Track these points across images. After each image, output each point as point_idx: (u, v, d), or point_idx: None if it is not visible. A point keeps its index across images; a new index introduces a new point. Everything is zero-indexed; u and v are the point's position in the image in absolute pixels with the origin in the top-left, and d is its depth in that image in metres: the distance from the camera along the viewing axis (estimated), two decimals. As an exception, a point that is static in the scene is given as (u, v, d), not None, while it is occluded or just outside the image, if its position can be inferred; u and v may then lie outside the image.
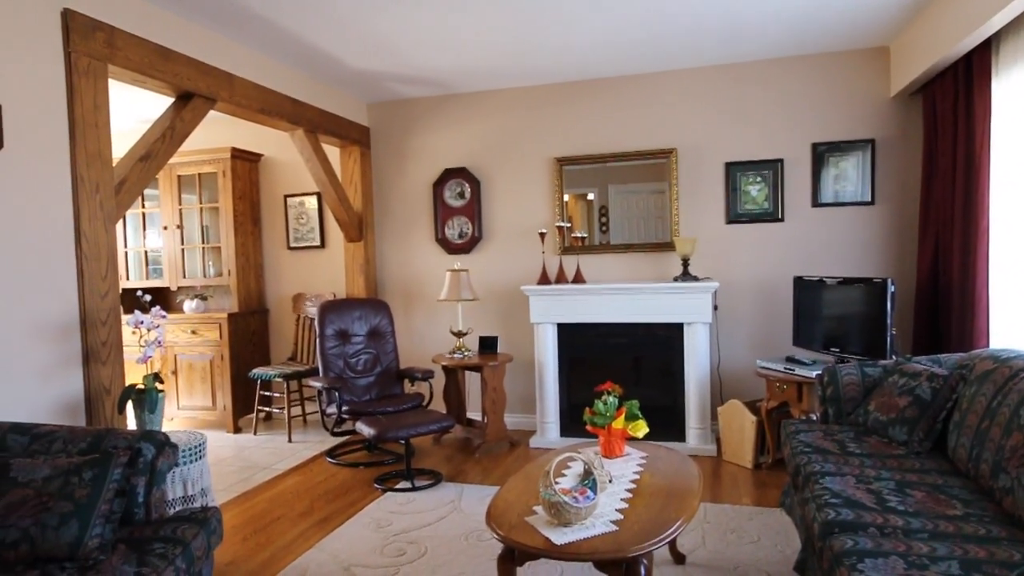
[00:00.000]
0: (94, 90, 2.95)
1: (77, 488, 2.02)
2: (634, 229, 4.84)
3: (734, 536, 3.02)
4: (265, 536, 3.24)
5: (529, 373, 4.94)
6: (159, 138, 3.36)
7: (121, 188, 3.13)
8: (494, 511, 2.24)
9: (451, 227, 5.20)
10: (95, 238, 2.95)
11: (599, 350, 4.64)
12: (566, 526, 2.08)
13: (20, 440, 2.24)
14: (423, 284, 5.31)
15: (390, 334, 4.70)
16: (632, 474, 2.57)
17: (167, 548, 2.00)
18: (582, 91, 4.88)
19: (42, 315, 2.73)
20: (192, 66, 3.50)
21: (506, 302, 5.09)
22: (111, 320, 3.02)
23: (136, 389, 2.80)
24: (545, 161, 4.98)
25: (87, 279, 2.91)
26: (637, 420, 2.77)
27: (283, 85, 4.28)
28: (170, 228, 5.60)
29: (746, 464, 4.00)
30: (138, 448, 2.24)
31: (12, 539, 1.90)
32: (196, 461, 2.85)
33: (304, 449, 4.76)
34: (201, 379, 5.36)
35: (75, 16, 2.86)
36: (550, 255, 4.88)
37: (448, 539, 3.08)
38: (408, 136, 5.30)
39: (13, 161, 2.59)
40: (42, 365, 2.73)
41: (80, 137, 2.88)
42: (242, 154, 5.47)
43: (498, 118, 5.07)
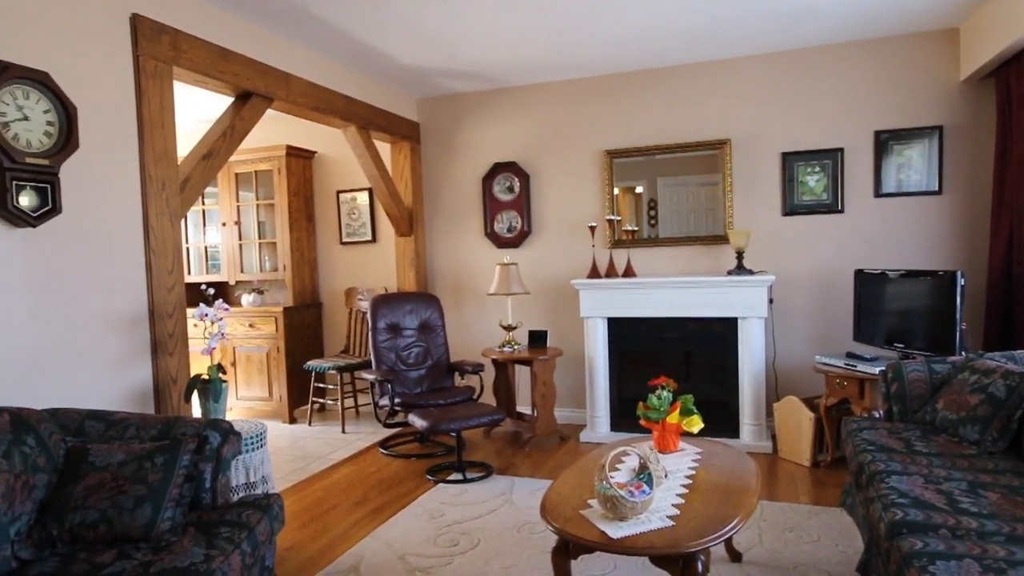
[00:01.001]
0: (160, 91, 3.07)
1: (150, 473, 2.11)
2: (684, 222, 4.76)
3: (792, 535, 2.95)
4: (322, 523, 3.32)
5: (579, 367, 4.92)
6: (220, 137, 3.47)
7: (185, 185, 3.24)
8: (548, 504, 2.25)
9: (500, 221, 5.21)
10: (162, 234, 3.07)
11: (649, 344, 4.59)
12: (621, 520, 2.07)
13: (97, 426, 2.35)
14: (472, 278, 5.34)
15: (440, 328, 4.75)
16: (687, 469, 2.54)
17: (233, 532, 2.07)
18: (633, 82, 4.82)
19: (115, 308, 2.86)
20: (251, 66, 3.60)
21: (555, 296, 5.08)
22: (177, 313, 3.13)
23: (201, 379, 2.91)
24: (595, 154, 4.94)
25: (155, 273, 3.03)
26: (692, 415, 2.73)
27: (336, 83, 4.36)
28: (228, 224, 5.78)
29: (803, 462, 3.89)
30: (205, 436, 2.33)
31: (92, 520, 2.00)
32: (257, 449, 2.94)
33: (357, 440, 4.86)
34: (258, 371, 5.52)
35: (143, 21, 2.97)
36: (600, 249, 4.84)
37: (500, 531, 3.10)
38: (457, 131, 5.33)
39: (88, 161, 2.71)
40: (115, 355, 2.86)
41: (148, 137, 2.99)
42: (296, 151, 5.60)
43: (547, 111, 5.06)
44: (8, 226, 2.43)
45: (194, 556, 1.90)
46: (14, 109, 2.39)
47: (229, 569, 1.94)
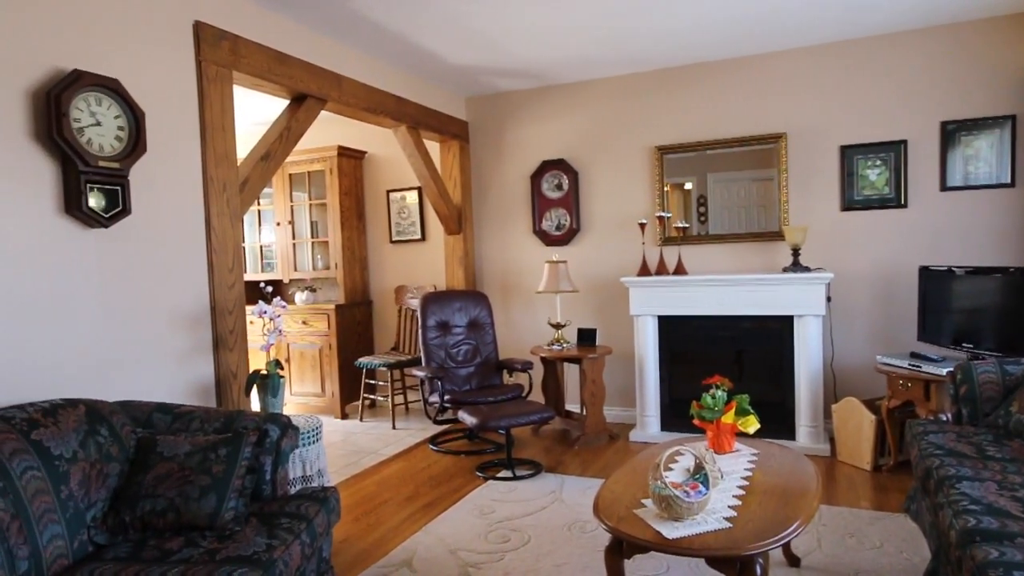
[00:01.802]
0: (221, 95, 3.17)
1: (214, 464, 2.19)
2: (735, 218, 4.66)
3: (853, 540, 2.85)
4: (375, 517, 3.38)
5: (628, 366, 4.87)
6: (277, 138, 3.56)
7: (244, 186, 3.34)
8: (601, 503, 2.23)
9: (549, 219, 5.20)
10: (223, 233, 3.17)
11: (701, 343, 4.51)
12: (676, 520, 2.04)
13: (163, 418, 2.45)
14: (521, 276, 5.35)
15: (489, 325, 4.77)
16: (743, 471, 2.49)
17: (293, 523, 2.12)
18: (684, 77, 4.74)
19: (179, 305, 2.97)
20: (305, 69, 3.68)
21: (605, 294, 5.04)
22: (237, 310, 3.24)
23: (260, 375, 2.99)
24: (645, 150, 4.88)
25: (216, 271, 3.13)
26: (748, 415, 2.68)
27: (387, 83, 4.42)
28: (282, 224, 5.93)
29: (864, 465, 3.77)
30: (265, 429, 2.40)
31: (161, 508, 2.08)
32: (313, 443, 3.01)
33: (407, 436, 4.92)
34: (311, 367, 5.65)
35: (205, 28, 3.07)
36: (650, 246, 4.78)
37: (551, 528, 3.10)
38: (505, 129, 5.35)
39: (154, 164, 2.82)
40: (179, 350, 2.97)
41: (209, 140, 3.10)
42: (348, 152, 5.71)
43: (596, 108, 5.02)
44: (82, 227, 2.55)
45: (257, 545, 1.96)
46: (88, 115, 2.50)
47: (290, 559, 1.99)
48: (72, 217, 2.51)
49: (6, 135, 2.30)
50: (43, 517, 1.88)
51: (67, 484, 2.00)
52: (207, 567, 1.82)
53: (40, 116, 2.40)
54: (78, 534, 1.99)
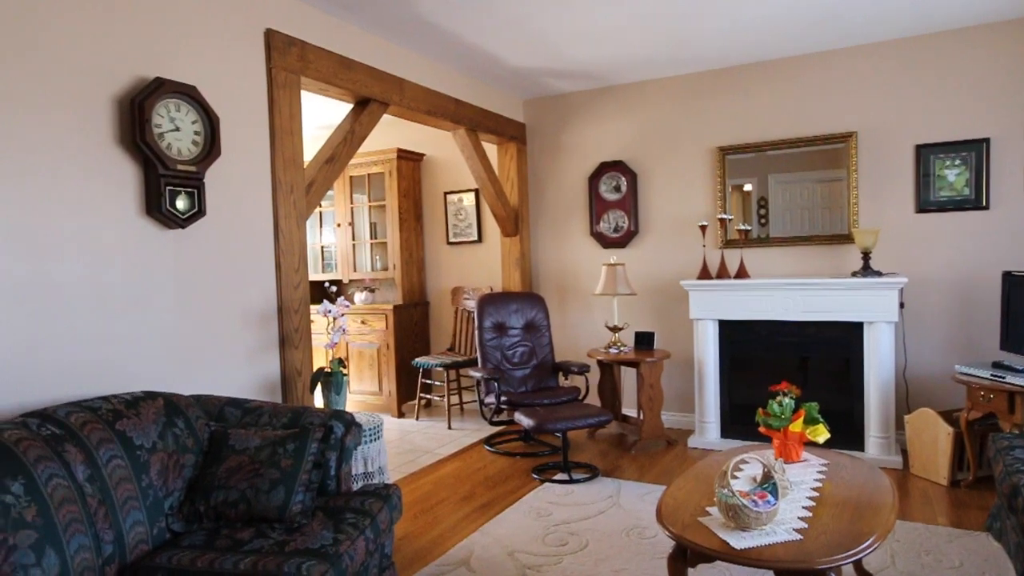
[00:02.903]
0: (289, 100, 3.26)
1: (282, 458, 2.25)
2: (797, 221, 4.52)
3: (930, 559, 2.72)
4: (432, 516, 3.41)
5: (687, 371, 4.78)
6: (341, 141, 3.64)
7: (310, 188, 3.43)
8: (664, 509, 2.19)
9: (606, 221, 5.16)
10: (289, 234, 3.26)
11: (763, 349, 4.38)
12: (744, 530, 1.98)
13: (235, 412, 2.53)
14: (577, 278, 5.32)
15: (545, 327, 4.76)
16: (812, 481, 2.40)
17: (358, 519, 2.16)
18: (746, 76, 4.63)
19: (248, 303, 3.07)
20: (369, 73, 3.75)
21: (663, 297, 4.96)
22: (302, 309, 3.32)
23: (325, 372, 3.06)
24: (706, 151, 4.78)
25: (283, 272, 3.23)
26: (817, 424, 2.58)
27: (447, 87, 4.47)
28: (343, 225, 6.07)
29: (940, 480, 3.58)
30: (330, 426, 2.45)
31: (233, 499, 2.15)
32: (375, 441, 3.06)
33: (463, 436, 4.96)
34: (369, 366, 5.76)
35: (275, 35, 3.17)
36: (711, 249, 4.68)
37: (609, 533, 3.07)
38: (563, 131, 5.33)
39: (227, 167, 2.93)
40: (248, 347, 3.07)
41: (279, 144, 3.19)
42: (406, 154, 5.80)
43: (656, 108, 4.95)
44: (161, 227, 2.67)
45: (324, 539, 2.00)
46: (167, 121, 2.62)
47: (355, 554, 2.02)
48: (152, 218, 2.63)
49: (95, 140, 2.43)
50: (126, 504, 1.97)
51: (147, 473, 2.09)
52: (277, 558, 1.87)
53: (125, 122, 2.52)
54: (157, 521, 2.07)
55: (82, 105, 2.39)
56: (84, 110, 2.39)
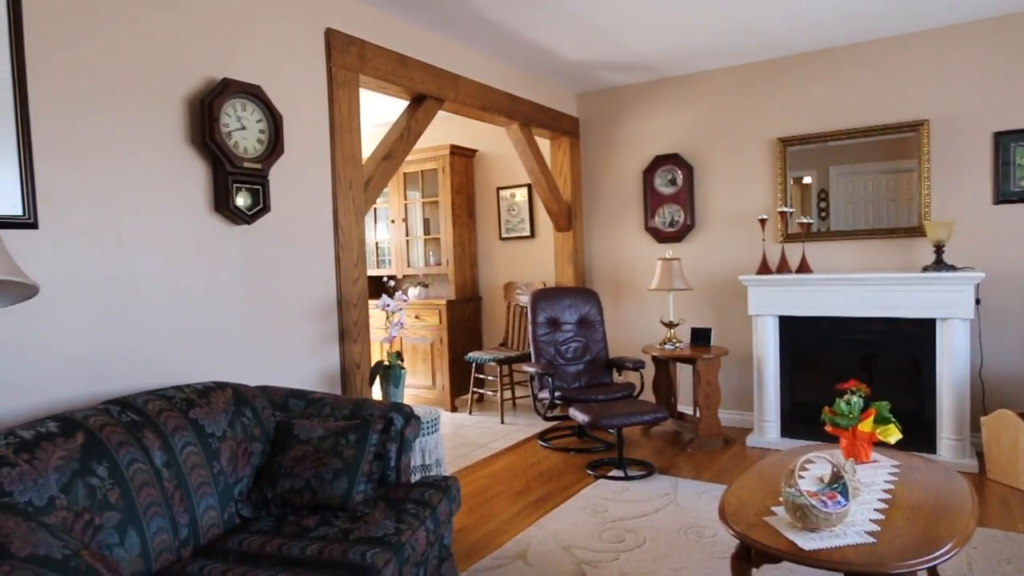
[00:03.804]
0: (348, 98, 3.33)
1: (345, 448, 2.30)
2: (860, 214, 4.35)
3: (1011, 567, 2.58)
4: (488, 509, 3.43)
5: (745, 368, 4.67)
6: (398, 138, 3.69)
7: (368, 185, 3.49)
8: (728, 508, 2.14)
9: (661, 215, 5.08)
10: (349, 230, 3.33)
11: (826, 346, 4.24)
12: (812, 531, 1.92)
13: (298, 403, 2.60)
14: (631, 273, 5.26)
15: (599, 323, 4.73)
16: (883, 483, 2.31)
17: (418, 509, 2.19)
18: (810, 64, 4.47)
19: (310, 297, 3.14)
20: (425, 70, 3.79)
21: (720, 293, 4.86)
22: (360, 303, 3.39)
23: (383, 365, 3.11)
24: (766, 143, 4.65)
25: (343, 267, 3.29)
26: (888, 424, 2.48)
27: (501, 82, 4.47)
28: (397, 221, 6.16)
29: (1020, 485, 3.40)
30: (390, 418, 2.49)
31: (298, 487, 2.21)
32: (432, 434, 3.10)
33: (516, 431, 4.97)
34: (423, 360, 5.83)
35: (335, 34, 3.23)
36: (770, 243, 4.55)
37: (666, 531, 3.02)
38: (617, 124, 5.27)
39: (290, 164, 3.00)
40: (310, 340, 3.14)
41: (338, 141, 3.26)
42: (459, 150, 5.83)
43: (714, 100, 4.84)
44: (229, 223, 2.76)
45: (386, 528, 2.03)
46: (234, 120, 2.70)
47: (416, 544, 2.05)
48: (220, 215, 2.72)
49: (167, 140, 2.53)
50: (200, 489, 2.05)
51: (218, 460, 2.16)
52: (342, 545, 1.92)
53: (195, 122, 2.61)
54: (227, 506, 2.15)
55: (156, 107, 2.49)
56: (158, 112, 2.49)
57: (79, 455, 1.76)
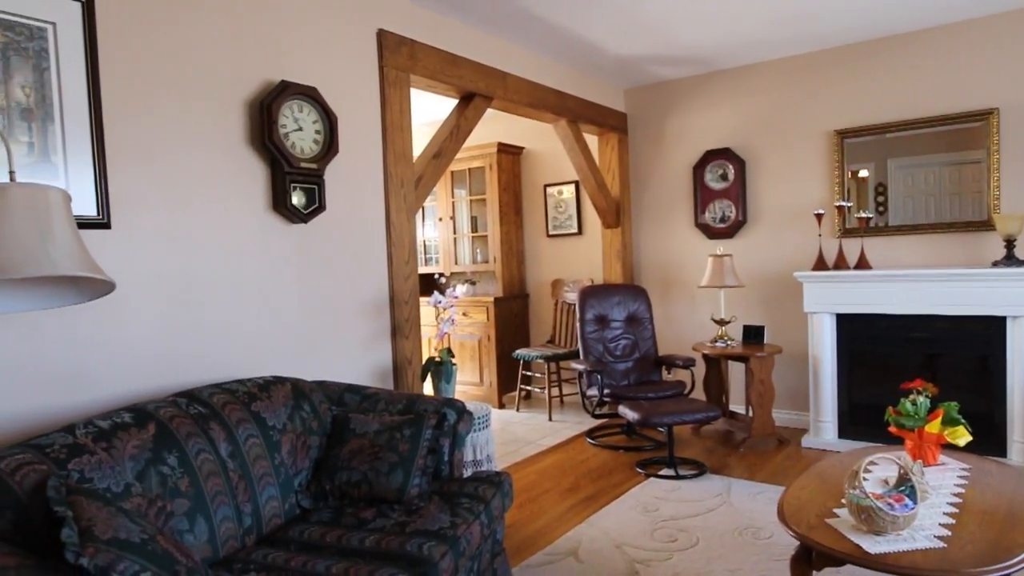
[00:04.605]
0: (399, 97, 3.37)
1: (400, 443, 2.33)
2: (920, 207, 4.19)
3: (1092, 578, 2.45)
4: (537, 506, 3.44)
5: (800, 366, 4.55)
6: (447, 136, 3.72)
7: (419, 183, 3.53)
8: (787, 509, 2.10)
9: (712, 211, 4.99)
10: (400, 227, 3.37)
11: (886, 344, 4.10)
12: (877, 534, 1.87)
13: (353, 398, 2.65)
14: (681, 270, 5.18)
15: (648, 320, 4.68)
16: (953, 487, 2.22)
17: (472, 504, 2.21)
18: (868, 52, 4.32)
19: (363, 294, 3.20)
20: (474, 68, 3.81)
21: (773, 289, 4.75)
22: (412, 300, 3.43)
23: (435, 361, 3.15)
24: (822, 135, 4.52)
25: (394, 264, 3.34)
26: (956, 425, 2.38)
27: (549, 79, 4.46)
28: (444, 219, 6.22)
29: (1099, 492, 3.22)
30: (443, 413, 2.51)
31: (355, 480, 2.26)
32: (483, 429, 3.12)
33: (564, 428, 4.96)
34: (470, 357, 5.87)
35: (387, 35, 3.28)
36: (827, 238, 4.42)
37: (720, 532, 2.97)
38: (666, 119, 5.20)
39: (343, 163, 3.06)
40: (363, 337, 3.20)
41: (390, 140, 3.31)
42: (507, 148, 5.85)
43: (766, 92, 4.73)
44: (286, 222, 2.83)
45: (442, 521, 2.06)
46: (291, 121, 2.77)
47: (471, 538, 2.07)
48: (278, 214, 2.79)
49: (229, 142, 2.61)
50: (262, 479, 2.11)
51: (279, 452, 2.22)
52: (399, 538, 1.95)
53: (254, 123, 2.69)
54: (288, 497, 2.21)
55: (219, 110, 2.57)
56: (220, 114, 2.58)
57: (152, 445, 1.84)
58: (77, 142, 2.14)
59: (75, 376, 2.11)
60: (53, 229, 1.55)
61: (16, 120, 2.00)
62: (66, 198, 1.64)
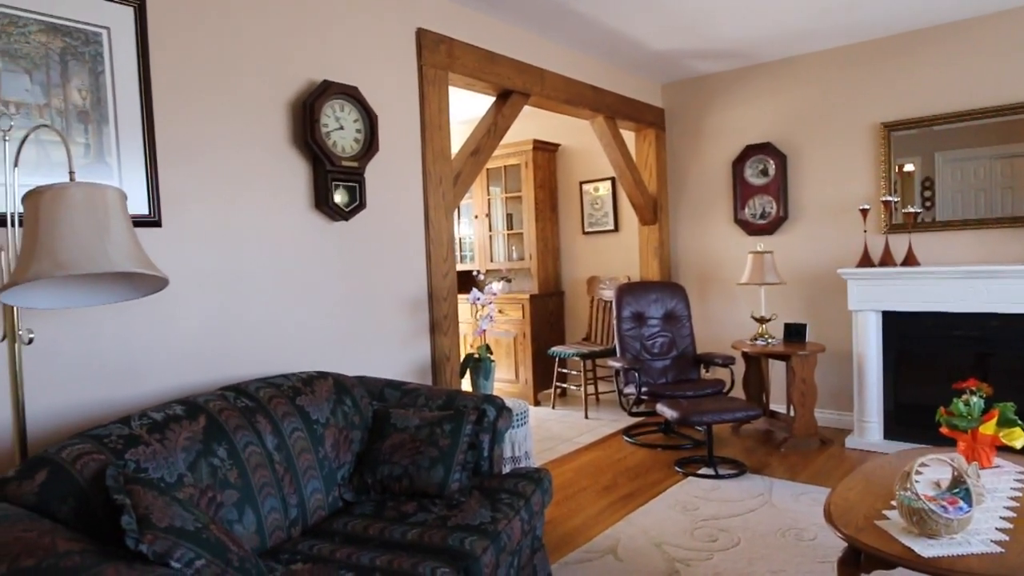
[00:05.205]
0: (438, 96, 3.39)
1: (440, 438, 2.35)
2: (970, 202, 4.05)
3: None
4: (575, 503, 3.43)
5: (843, 365, 4.45)
6: (485, 134, 3.73)
7: (457, 180, 3.55)
8: (834, 510, 2.05)
9: (751, 207, 4.91)
10: (438, 225, 3.40)
11: (934, 343, 3.98)
12: (930, 538, 1.81)
13: (394, 393, 2.68)
14: (719, 267, 5.11)
15: (686, 318, 4.63)
16: (1009, 490, 2.15)
17: (513, 500, 2.21)
18: (916, 42, 4.19)
19: (402, 291, 3.23)
20: (511, 66, 3.81)
21: (816, 286, 4.65)
22: (450, 297, 3.45)
23: (474, 358, 3.16)
24: (867, 128, 4.40)
25: (433, 261, 3.37)
26: (1014, 427, 2.30)
27: (586, 75, 4.44)
28: (480, 217, 6.24)
29: None
30: (483, 409, 2.52)
31: (397, 474, 2.28)
32: (522, 426, 3.12)
33: (600, 426, 4.94)
34: (506, 354, 5.88)
35: (425, 34, 3.30)
36: (872, 234, 4.31)
37: (762, 533, 2.93)
38: (704, 114, 5.13)
39: (383, 161, 3.09)
40: (402, 333, 3.23)
41: (428, 138, 3.33)
42: (542, 145, 5.84)
43: (809, 85, 4.62)
44: (328, 220, 2.87)
45: (482, 516, 2.07)
46: (333, 120, 2.81)
47: (512, 533, 2.08)
48: (320, 211, 2.84)
49: (272, 141, 2.66)
50: (307, 472, 2.15)
51: (323, 446, 2.26)
52: (441, 532, 1.96)
53: (297, 123, 2.73)
54: (331, 490, 2.25)
55: (263, 111, 2.62)
56: (264, 114, 2.63)
57: (202, 436, 1.89)
58: (129, 143, 2.20)
59: (129, 369, 2.17)
60: (111, 227, 1.60)
61: (73, 122, 2.07)
62: (122, 197, 1.69)
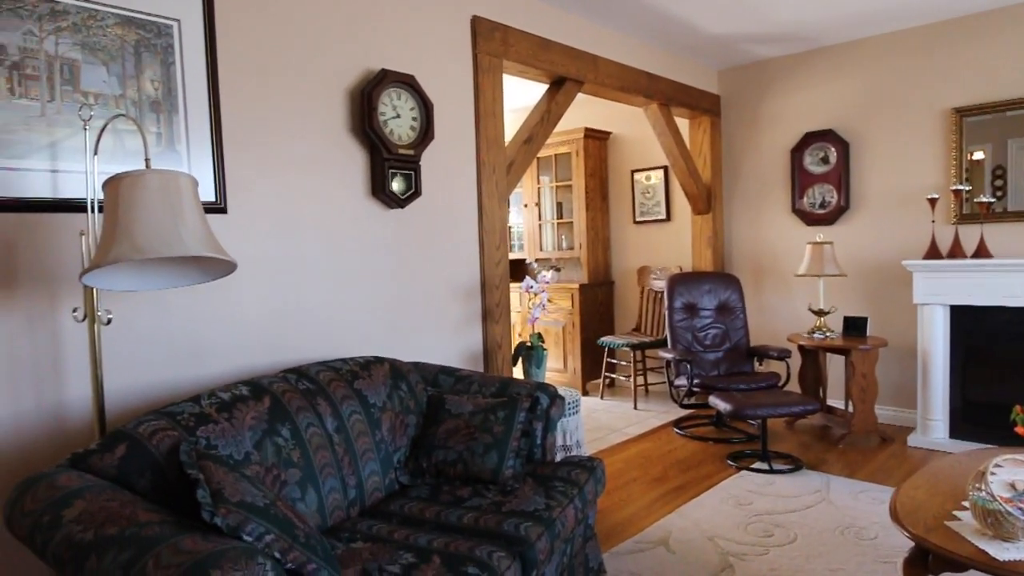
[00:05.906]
0: (492, 84, 3.39)
1: (494, 424, 2.37)
2: (1045, 192, 3.84)
3: None
4: (625, 493, 3.42)
5: (906, 361, 4.29)
6: (538, 121, 3.72)
7: (510, 169, 3.55)
8: (901, 509, 1.99)
9: (811, 196, 4.76)
10: (491, 213, 3.41)
11: (1006, 340, 3.79)
12: (1006, 540, 1.74)
13: (447, 380, 2.71)
14: (776, 258, 4.98)
15: (740, 309, 4.53)
16: (1091, 494, 2.03)
17: (566, 487, 2.22)
18: (988, 23, 3.98)
19: (456, 278, 3.26)
20: (564, 53, 3.78)
21: (878, 279, 4.48)
22: (502, 285, 3.47)
23: (526, 346, 3.17)
24: (936, 114, 4.21)
25: (486, 249, 3.38)
26: (1096, 428, 2.18)
27: (640, 61, 4.37)
28: (530, 205, 6.22)
29: None
30: (536, 397, 2.53)
31: (451, 459, 2.31)
32: (574, 415, 3.12)
33: (649, 417, 4.89)
34: (555, 343, 5.87)
35: (480, 21, 3.30)
36: (940, 225, 4.13)
37: (819, 530, 2.86)
38: (762, 101, 4.99)
39: (439, 150, 3.11)
40: (455, 320, 3.26)
41: (482, 126, 3.34)
42: (593, 133, 5.78)
43: (873, 69, 4.44)
44: (384, 207, 2.91)
45: (537, 503, 2.08)
46: (390, 109, 2.84)
47: (566, 520, 2.08)
48: (377, 199, 2.88)
49: (332, 129, 2.71)
50: (364, 455, 2.20)
51: (380, 429, 2.31)
52: (496, 516, 1.98)
53: (355, 111, 2.78)
54: (388, 473, 2.29)
55: (324, 100, 2.67)
56: (324, 103, 2.67)
57: (267, 417, 1.95)
58: (198, 131, 2.28)
59: (197, 349, 2.26)
60: (184, 212, 1.66)
61: (147, 112, 2.15)
62: (194, 183, 1.75)
